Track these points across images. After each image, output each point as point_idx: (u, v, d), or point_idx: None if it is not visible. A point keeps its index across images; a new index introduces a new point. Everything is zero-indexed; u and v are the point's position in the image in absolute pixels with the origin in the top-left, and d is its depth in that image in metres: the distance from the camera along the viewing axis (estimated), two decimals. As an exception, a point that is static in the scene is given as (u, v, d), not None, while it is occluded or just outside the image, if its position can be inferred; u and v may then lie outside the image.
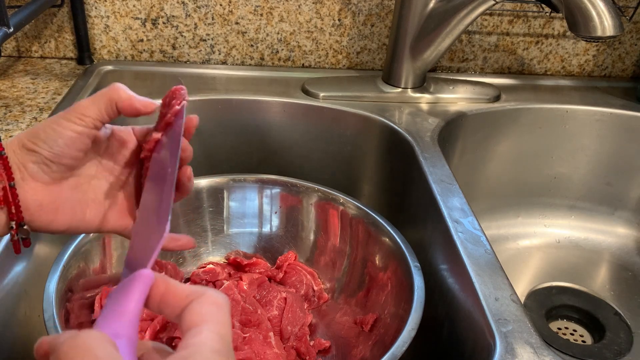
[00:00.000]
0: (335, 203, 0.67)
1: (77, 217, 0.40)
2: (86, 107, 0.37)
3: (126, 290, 0.29)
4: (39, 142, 0.37)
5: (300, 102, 0.83)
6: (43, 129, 0.37)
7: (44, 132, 0.37)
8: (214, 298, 0.28)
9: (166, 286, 0.29)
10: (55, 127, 0.37)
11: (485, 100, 0.87)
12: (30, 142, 0.37)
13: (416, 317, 0.51)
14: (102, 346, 0.25)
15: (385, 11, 0.92)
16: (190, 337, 0.27)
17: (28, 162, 0.37)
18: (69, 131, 0.37)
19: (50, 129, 0.37)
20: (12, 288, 0.54)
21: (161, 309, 0.29)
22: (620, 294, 0.83)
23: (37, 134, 0.37)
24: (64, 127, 0.37)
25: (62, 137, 0.37)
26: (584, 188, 0.92)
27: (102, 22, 0.89)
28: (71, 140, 0.37)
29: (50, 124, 0.37)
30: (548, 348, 0.46)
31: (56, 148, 0.37)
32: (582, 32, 0.65)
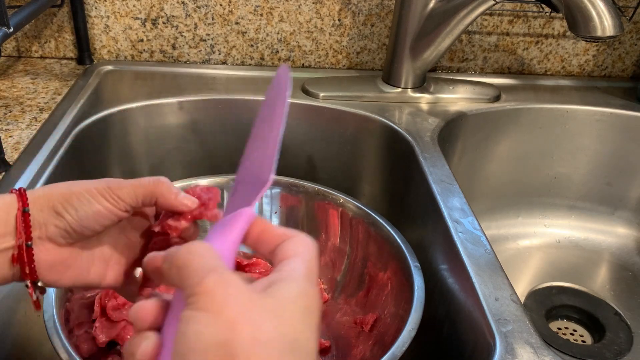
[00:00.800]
0: (335, 203, 0.67)
1: (83, 275, 0.39)
2: (125, 192, 0.37)
3: (229, 224, 0.31)
4: (69, 208, 0.36)
5: (300, 102, 0.83)
6: (77, 196, 0.36)
7: (77, 200, 0.36)
8: (305, 239, 0.31)
9: (264, 225, 0.32)
10: (89, 198, 0.36)
11: (485, 100, 0.87)
12: (60, 206, 0.36)
13: (416, 317, 0.51)
14: (214, 253, 0.28)
15: (385, 11, 0.92)
16: (283, 266, 0.29)
17: (51, 225, 0.36)
18: (102, 208, 0.36)
19: (84, 199, 0.36)
20: (12, 288, 0.54)
21: (257, 245, 0.32)
22: (620, 294, 0.83)
23: (69, 200, 0.36)
24: (97, 202, 0.36)
25: (92, 211, 0.36)
26: (584, 188, 0.92)
27: (102, 22, 0.89)
28: (100, 216, 0.37)
29: (84, 193, 0.36)
30: (548, 348, 0.46)
31: (85, 221, 0.36)
32: (582, 32, 0.65)
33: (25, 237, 0.35)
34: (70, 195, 0.36)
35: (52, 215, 0.36)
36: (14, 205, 0.35)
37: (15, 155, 0.65)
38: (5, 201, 0.36)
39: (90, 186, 0.37)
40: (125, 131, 0.78)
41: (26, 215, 0.35)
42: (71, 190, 0.36)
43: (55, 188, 0.37)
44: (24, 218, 0.35)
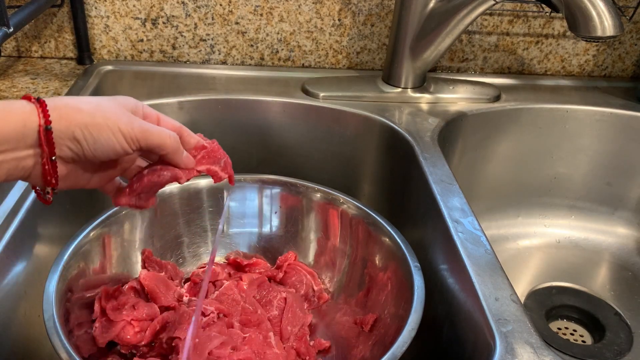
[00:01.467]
0: (335, 203, 0.67)
1: (74, 181, 0.42)
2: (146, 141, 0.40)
3: None
4: (88, 138, 0.37)
5: (300, 102, 0.83)
6: (98, 129, 0.38)
7: (98, 133, 0.38)
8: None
9: None
10: (109, 134, 0.38)
11: (485, 100, 0.87)
12: (80, 133, 0.37)
13: (416, 317, 0.51)
14: None
15: (385, 11, 0.92)
16: None
17: (65, 146, 0.37)
18: (118, 146, 0.39)
19: (105, 134, 0.38)
20: (12, 288, 0.54)
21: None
22: (620, 294, 0.83)
23: (90, 130, 0.37)
24: (117, 140, 0.38)
25: (109, 146, 0.38)
26: (584, 188, 0.92)
27: (102, 22, 0.89)
28: (114, 151, 0.39)
29: (107, 128, 0.38)
30: (548, 348, 0.46)
31: (98, 151, 0.38)
32: (582, 32, 0.65)
33: (49, 153, 0.37)
34: (93, 127, 0.37)
35: (69, 139, 0.37)
36: (34, 119, 0.36)
37: (15, 155, 0.65)
38: (24, 110, 0.36)
39: (115, 122, 0.38)
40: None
41: (49, 133, 0.36)
42: (95, 121, 0.37)
43: (79, 113, 0.37)
44: (46, 135, 0.36)
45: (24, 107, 0.36)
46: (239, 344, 0.54)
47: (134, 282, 0.59)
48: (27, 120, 0.36)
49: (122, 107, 0.40)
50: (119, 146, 0.39)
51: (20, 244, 0.56)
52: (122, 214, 0.62)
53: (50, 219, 0.63)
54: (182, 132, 0.46)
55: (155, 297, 0.58)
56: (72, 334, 0.51)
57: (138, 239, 0.64)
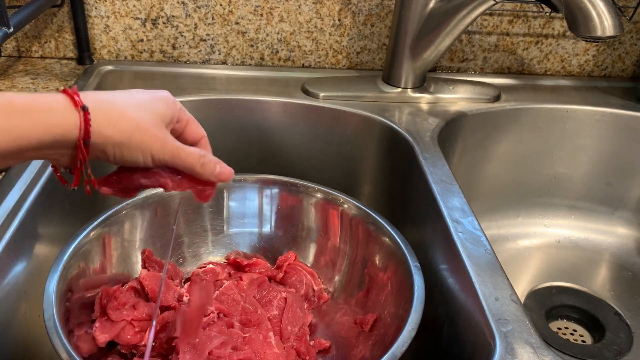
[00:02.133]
0: (335, 203, 0.67)
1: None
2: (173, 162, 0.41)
3: None
4: (117, 155, 0.39)
5: (300, 102, 0.83)
6: (129, 150, 0.38)
7: (128, 152, 0.39)
8: None
9: None
10: (138, 155, 0.39)
11: (485, 100, 0.87)
12: (112, 150, 0.38)
13: (416, 317, 0.51)
14: None
15: (385, 11, 0.92)
16: None
17: (94, 155, 0.38)
18: (142, 163, 0.40)
19: (135, 154, 0.39)
20: (12, 288, 0.54)
21: None
22: (620, 294, 0.83)
23: (121, 149, 0.38)
24: (144, 159, 0.39)
25: (134, 162, 0.39)
26: (584, 188, 0.92)
27: (102, 22, 0.89)
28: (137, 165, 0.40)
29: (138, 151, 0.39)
30: (548, 348, 0.46)
31: (123, 164, 0.40)
32: (582, 32, 0.65)
33: (82, 159, 0.38)
34: (126, 147, 0.38)
35: (100, 151, 0.38)
36: (74, 131, 0.36)
37: (15, 155, 0.65)
38: (67, 122, 0.36)
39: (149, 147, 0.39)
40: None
41: (87, 146, 0.37)
42: (130, 143, 0.38)
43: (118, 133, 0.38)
44: (85, 147, 0.37)
45: (66, 118, 0.36)
46: (239, 343, 0.54)
47: (134, 282, 0.59)
48: (68, 132, 0.36)
49: (161, 121, 0.41)
50: (143, 163, 0.40)
51: (20, 244, 0.56)
52: (122, 214, 0.62)
53: (50, 219, 0.63)
54: (201, 142, 0.47)
55: (155, 297, 0.58)
56: (72, 334, 0.51)
57: (138, 239, 0.64)
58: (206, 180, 0.44)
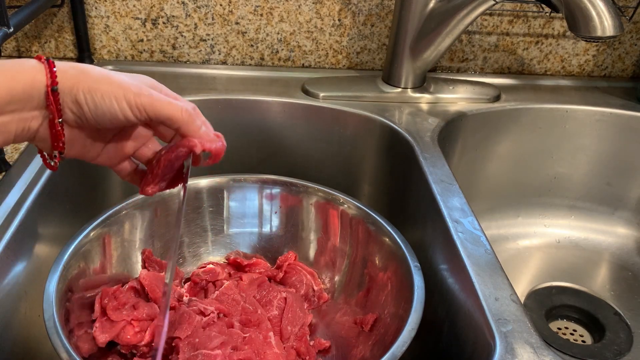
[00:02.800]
0: (335, 203, 0.67)
1: (83, 151, 0.41)
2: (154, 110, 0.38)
3: None
4: (90, 102, 0.36)
5: (300, 102, 0.83)
6: (101, 94, 0.36)
7: (100, 98, 0.36)
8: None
9: None
10: (112, 101, 0.37)
11: (485, 100, 0.87)
12: (82, 97, 0.36)
13: (416, 317, 0.51)
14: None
15: (385, 11, 0.92)
16: None
17: (67, 108, 0.37)
18: (120, 115, 0.37)
19: (107, 100, 0.37)
20: (12, 288, 0.54)
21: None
22: (620, 294, 0.83)
23: (93, 94, 0.36)
24: (120, 108, 0.37)
25: (110, 113, 0.37)
26: (584, 188, 0.92)
27: (102, 22, 0.89)
28: (116, 119, 0.38)
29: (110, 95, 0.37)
30: (548, 348, 0.46)
31: (100, 117, 0.37)
32: (582, 32, 0.65)
33: (56, 114, 0.36)
34: (96, 91, 0.36)
35: (72, 101, 0.36)
36: (41, 78, 0.35)
37: (15, 155, 0.65)
38: (34, 69, 0.35)
39: (121, 90, 0.37)
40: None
41: (55, 94, 0.36)
42: (99, 86, 0.36)
43: (85, 77, 0.37)
44: (53, 96, 0.36)
45: (34, 67, 0.36)
46: (239, 344, 0.54)
47: (134, 282, 0.59)
48: (35, 80, 0.35)
49: (138, 80, 0.39)
50: (121, 114, 0.37)
51: (20, 244, 0.56)
52: (122, 214, 0.62)
53: (50, 219, 0.63)
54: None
55: (155, 297, 0.58)
56: (72, 334, 0.51)
57: (138, 239, 0.64)
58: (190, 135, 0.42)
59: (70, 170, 0.68)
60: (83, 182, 0.72)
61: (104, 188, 0.76)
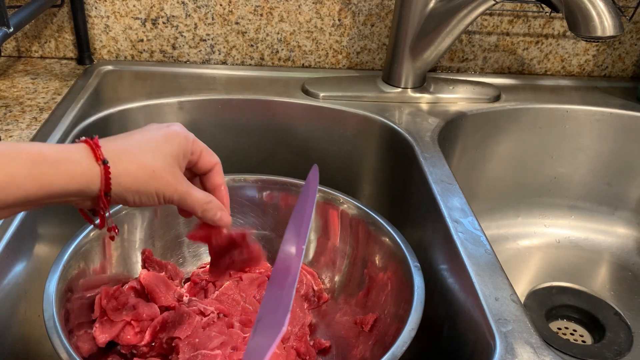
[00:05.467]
0: (335, 203, 0.67)
1: None
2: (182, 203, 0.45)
3: None
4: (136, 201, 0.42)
5: (300, 102, 0.83)
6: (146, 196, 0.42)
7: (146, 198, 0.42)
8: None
9: None
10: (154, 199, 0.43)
11: (485, 100, 0.87)
12: (130, 196, 0.41)
13: (416, 317, 0.51)
14: None
15: (385, 11, 0.92)
16: None
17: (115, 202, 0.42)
18: (157, 204, 0.43)
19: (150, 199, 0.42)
20: (12, 288, 0.54)
21: None
22: (620, 294, 0.83)
23: (140, 196, 0.42)
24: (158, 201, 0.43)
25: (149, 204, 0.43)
26: (584, 188, 0.92)
27: (102, 22, 0.89)
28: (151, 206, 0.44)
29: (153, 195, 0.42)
30: (548, 348, 0.46)
31: (140, 206, 0.43)
32: (582, 32, 0.65)
33: (105, 209, 0.41)
34: (145, 192, 0.42)
35: (119, 198, 0.41)
36: (96, 182, 0.39)
37: (15, 155, 0.65)
38: (90, 173, 0.39)
39: (162, 191, 0.43)
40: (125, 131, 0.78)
41: (108, 197, 0.40)
42: (147, 187, 0.42)
43: (135, 182, 0.41)
44: (105, 198, 0.40)
45: (90, 168, 0.39)
46: (239, 344, 0.54)
47: (134, 282, 0.59)
48: (91, 183, 0.39)
49: (175, 161, 0.44)
50: (157, 203, 0.43)
51: (20, 244, 0.56)
52: (122, 214, 0.62)
53: (50, 219, 0.63)
54: (215, 169, 0.49)
55: (155, 297, 0.58)
56: (72, 334, 0.51)
57: (138, 239, 0.64)
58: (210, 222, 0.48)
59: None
60: (83, 182, 0.72)
61: (104, 188, 0.76)
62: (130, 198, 0.41)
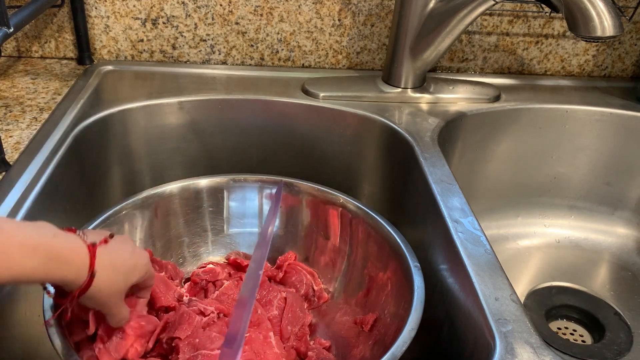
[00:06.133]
0: (335, 203, 0.67)
1: None
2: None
3: None
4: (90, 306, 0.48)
5: (300, 102, 0.83)
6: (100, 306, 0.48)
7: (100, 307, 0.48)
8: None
9: None
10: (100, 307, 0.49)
11: (485, 100, 0.87)
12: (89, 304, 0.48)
13: (416, 317, 0.51)
14: None
15: (385, 11, 0.92)
16: None
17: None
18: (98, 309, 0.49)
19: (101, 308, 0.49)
20: (12, 288, 0.54)
21: None
22: (620, 294, 0.83)
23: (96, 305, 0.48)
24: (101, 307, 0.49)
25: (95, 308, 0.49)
26: (584, 188, 0.92)
27: (102, 22, 0.89)
28: None
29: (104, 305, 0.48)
30: (548, 348, 0.46)
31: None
32: (582, 32, 0.65)
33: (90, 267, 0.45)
34: (99, 305, 0.48)
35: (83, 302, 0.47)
36: (76, 285, 0.44)
37: (15, 155, 0.65)
38: (79, 282, 0.44)
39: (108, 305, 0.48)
40: (125, 131, 0.79)
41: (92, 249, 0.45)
42: (103, 303, 0.48)
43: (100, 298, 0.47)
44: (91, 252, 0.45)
45: (81, 276, 0.44)
46: (239, 344, 0.54)
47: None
48: (73, 284, 0.44)
49: (127, 287, 0.50)
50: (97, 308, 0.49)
51: (20, 244, 0.55)
52: (122, 214, 0.62)
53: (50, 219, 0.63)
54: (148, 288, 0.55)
55: (155, 297, 0.58)
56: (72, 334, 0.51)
57: (138, 239, 0.64)
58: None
59: (70, 170, 0.68)
60: (83, 182, 0.72)
61: (104, 188, 0.76)
62: (89, 304, 0.48)
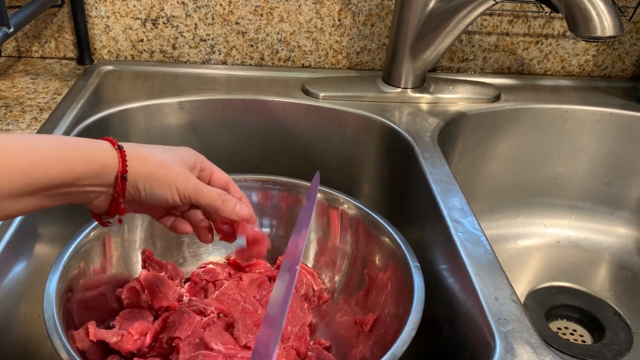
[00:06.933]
0: (335, 203, 0.67)
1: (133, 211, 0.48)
2: (197, 198, 0.46)
3: None
4: (147, 189, 0.44)
5: (300, 102, 0.83)
6: (158, 182, 0.44)
7: (157, 185, 0.44)
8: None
9: None
10: (166, 188, 0.44)
11: (485, 100, 0.87)
12: (142, 185, 0.44)
13: (416, 317, 0.51)
14: None
15: (385, 11, 0.92)
16: None
17: (127, 192, 0.44)
18: (171, 200, 0.45)
19: (163, 188, 0.44)
20: (12, 288, 0.54)
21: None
22: (620, 294, 0.83)
23: (151, 182, 0.44)
24: (172, 194, 0.44)
25: (163, 198, 0.44)
26: (584, 188, 0.92)
27: (102, 22, 0.89)
28: (166, 203, 0.45)
29: (165, 184, 0.44)
30: (548, 348, 0.46)
31: (153, 201, 0.45)
32: (582, 32, 0.65)
33: (121, 195, 0.43)
34: (154, 180, 0.44)
35: (132, 186, 0.43)
36: (114, 165, 0.42)
37: (15, 155, 0.65)
38: (108, 155, 0.42)
39: (174, 179, 0.44)
40: (125, 131, 0.79)
41: (124, 180, 0.43)
42: (157, 175, 0.44)
43: (146, 166, 0.44)
44: (122, 182, 0.43)
45: (107, 151, 0.42)
46: (239, 343, 0.54)
47: (134, 282, 0.59)
48: (108, 165, 0.42)
49: (184, 164, 0.46)
50: (171, 199, 0.45)
51: (20, 244, 0.56)
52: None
53: (50, 219, 0.63)
54: (229, 187, 0.50)
55: (155, 297, 0.58)
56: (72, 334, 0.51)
57: (138, 239, 0.64)
58: (227, 217, 0.48)
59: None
60: (83, 182, 0.72)
61: (104, 188, 0.76)
62: (142, 185, 0.43)
